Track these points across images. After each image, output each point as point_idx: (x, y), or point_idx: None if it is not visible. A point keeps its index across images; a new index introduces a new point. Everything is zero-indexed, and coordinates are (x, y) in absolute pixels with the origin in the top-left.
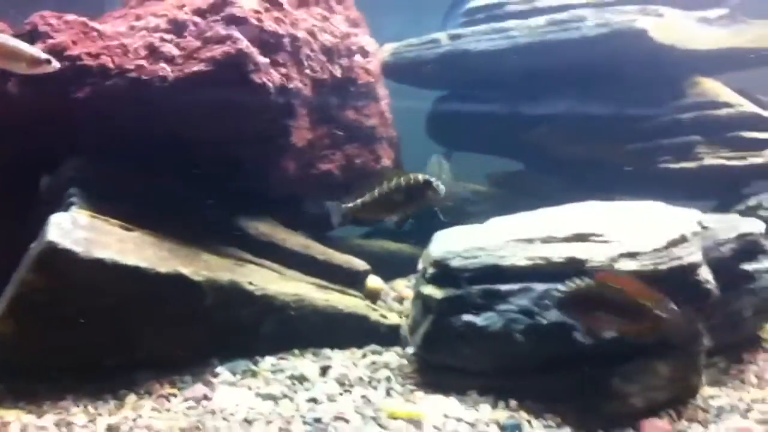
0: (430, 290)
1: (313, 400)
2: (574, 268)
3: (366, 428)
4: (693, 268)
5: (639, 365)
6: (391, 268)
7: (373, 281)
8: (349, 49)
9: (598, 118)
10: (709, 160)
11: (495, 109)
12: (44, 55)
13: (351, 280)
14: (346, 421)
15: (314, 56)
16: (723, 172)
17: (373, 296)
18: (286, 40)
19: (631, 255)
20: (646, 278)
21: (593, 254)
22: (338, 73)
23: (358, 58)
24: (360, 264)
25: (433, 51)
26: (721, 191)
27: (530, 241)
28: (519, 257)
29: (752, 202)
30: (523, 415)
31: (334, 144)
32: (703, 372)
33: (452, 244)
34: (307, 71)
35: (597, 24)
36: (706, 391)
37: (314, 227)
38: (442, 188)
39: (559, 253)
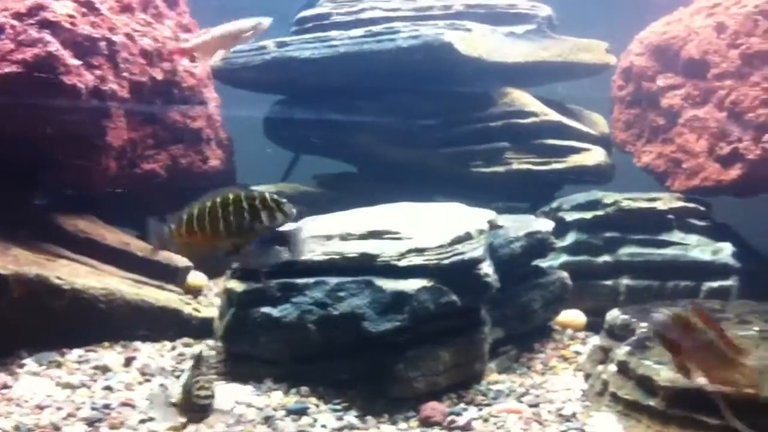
0: (232, 284)
1: (109, 389)
2: (366, 262)
3: (150, 413)
4: (474, 262)
5: (423, 352)
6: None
7: (195, 277)
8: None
9: (415, 125)
10: (517, 165)
11: (322, 114)
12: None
13: (171, 276)
14: (133, 407)
15: (132, 59)
16: (529, 176)
17: (194, 291)
18: (103, 44)
19: (419, 251)
20: (431, 271)
21: (384, 250)
22: (159, 76)
23: (183, 62)
24: (180, 260)
25: (260, 57)
26: (533, 194)
27: (329, 237)
28: (317, 253)
29: (555, 204)
30: (313, 400)
31: (158, 144)
32: (486, 359)
33: None
34: (125, 74)
35: (409, 36)
36: (493, 377)
37: None
38: (293, 211)
39: (353, 248)
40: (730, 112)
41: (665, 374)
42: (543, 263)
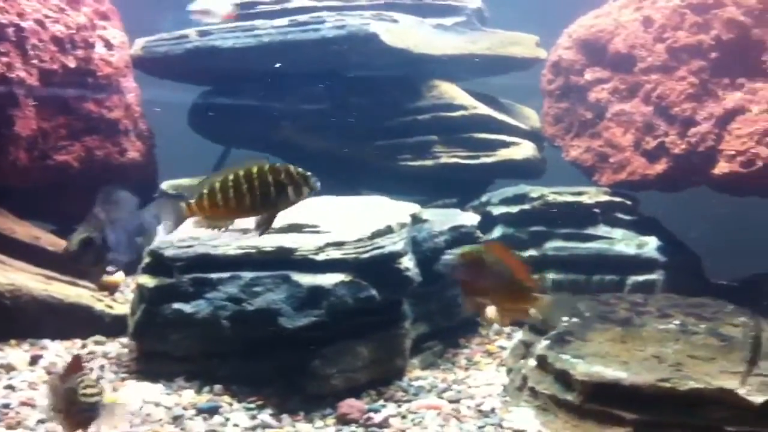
0: (144, 279)
1: (11, 388)
2: (282, 256)
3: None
4: (394, 256)
5: (341, 348)
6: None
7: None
8: (86, 41)
9: (341, 116)
10: (446, 159)
11: (246, 104)
12: None
13: (85, 272)
14: (33, 406)
15: (43, 46)
16: (459, 170)
17: (110, 288)
18: (10, 30)
19: (337, 244)
20: (350, 265)
21: (302, 244)
22: (72, 64)
23: (99, 50)
24: None
25: (182, 46)
26: (464, 188)
27: (245, 231)
28: (231, 247)
29: (484, 198)
30: (226, 398)
31: (72, 135)
32: (408, 354)
33: (171, 234)
34: (34, 61)
35: (334, 26)
36: (416, 373)
37: None
38: (318, 185)
39: (269, 242)
40: (657, 106)
41: (582, 368)
42: None
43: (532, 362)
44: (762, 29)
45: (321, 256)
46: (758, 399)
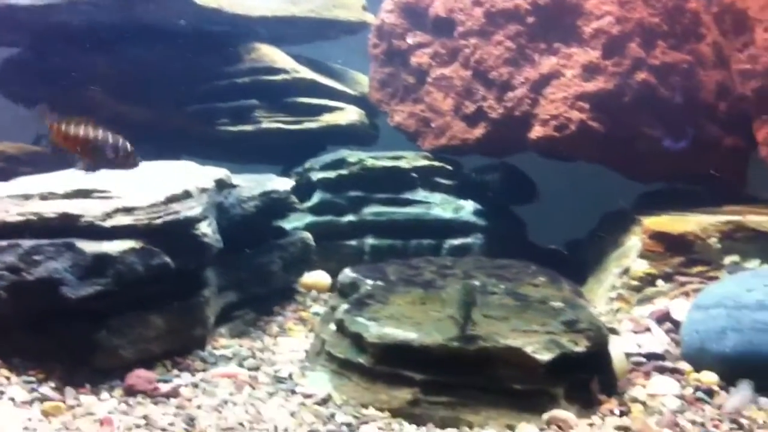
0: None
1: None
2: (67, 223)
3: None
4: (191, 222)
5: (131, 318)
6: None
7: None
8: None
9: (152, 80)
10: (267, 124)
11: (54, 66)
12: None
13: None
14: None
15: None
16: (282, 136)
17: None
18: None
19: (127, 210)
20: (141, 232)
21: (88, 209)
22: None
23: None
24: None
25: None
26: (291, 154)
27: (27, 197)
28: (11, 213)
29: (308, 164)
30: (4, 372)
31: None
32: (210, 323)
33: None
34: None
35: None
36: (223, 342)
37: None
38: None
39: (53, 208)
40: (475, 71)
41: (374, 330)
42: (288, 224)
43: (332, 327)
44: None
45: (109, 223)
46: (545, 357)
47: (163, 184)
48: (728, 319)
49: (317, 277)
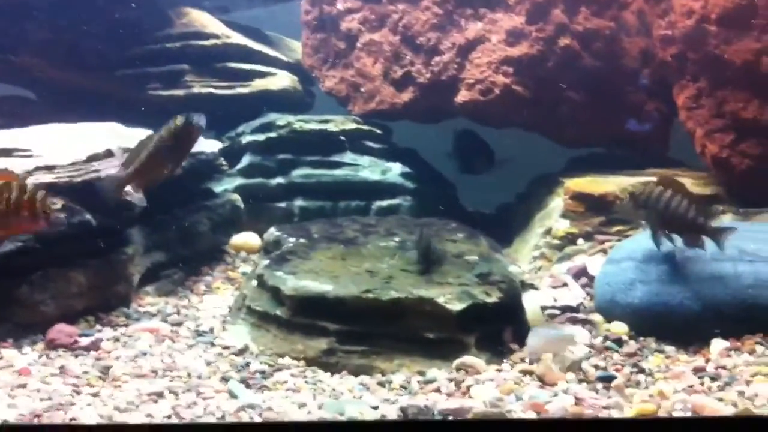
0: None
1: None
2: None
3: None
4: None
5: (52, 274)
6: None
7: None
8: None
9: (80, 45)
10: (198, 89)
11: None
12: None
13: None
14: None
15: None
16: (213, 101)
17: None
18: None
19: (48, 168)
20: (61, 189)
21: (10, 167)
22: None
23: None
24: None
25: None
26: (229, 120)
27: None
28: None
29: (239, 129)
30: None
31: None
32: (133, 281)
33: None
34: None
35: None
36: (149, 299)
37: None
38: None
39: None
40: (403, 36)
41: (291, 283)
42: (218, 187)
43: (254, 282)
44: None
45: (30, 180)
46: (457, 307)
47: (87, 145)
48: (636, 271)
49: (246, 239)
